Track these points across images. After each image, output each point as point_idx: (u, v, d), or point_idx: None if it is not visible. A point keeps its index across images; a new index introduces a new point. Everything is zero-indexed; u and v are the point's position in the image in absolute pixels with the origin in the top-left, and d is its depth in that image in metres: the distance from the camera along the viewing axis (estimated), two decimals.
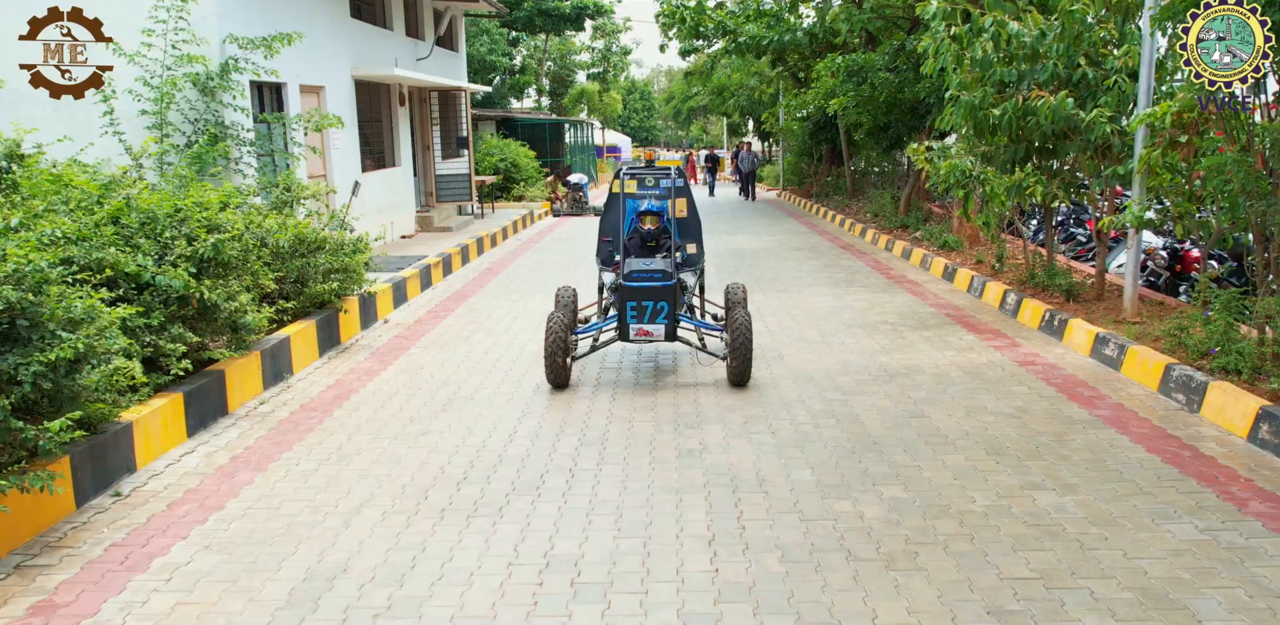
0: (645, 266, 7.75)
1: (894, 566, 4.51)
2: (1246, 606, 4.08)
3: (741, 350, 7.42)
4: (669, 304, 7.61)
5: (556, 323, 7.54)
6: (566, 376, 7.63)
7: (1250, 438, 6.10)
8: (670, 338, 7.70)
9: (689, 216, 8.77)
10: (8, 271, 4.53)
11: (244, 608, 4.27)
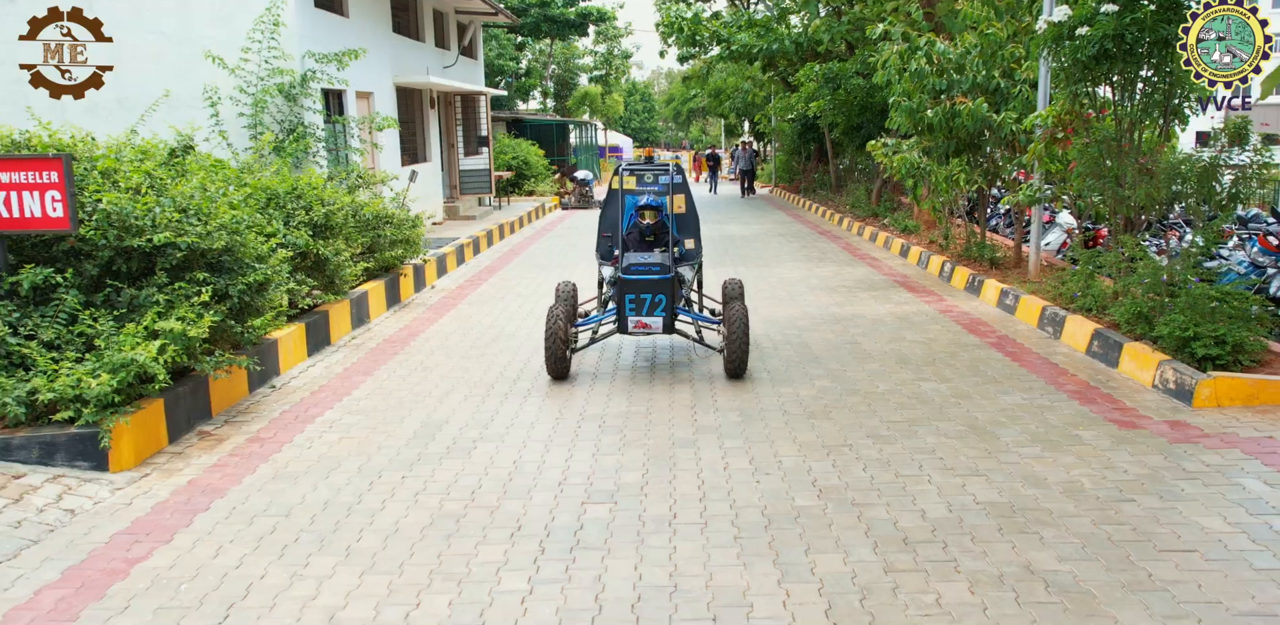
0: (644, 260, 7.86)
1: (813, 418, 6.79)
2: (1036, 434, 6.35)
3: (738, 343, 7.62)
4: (667, 297, 7.73)
5: (556, 316, 7.75)
6: (566, 368, 7.85)
7: (1087, 351, 8.38)
8: (668, 330, 7.87)
9: (687, 212, 8.92)
10: (225, 222, 6.81)
11: (385, 440, 6.55)
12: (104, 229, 6.28)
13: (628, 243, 8.39)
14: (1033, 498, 5.24)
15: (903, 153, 13.08)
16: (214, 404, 7.04)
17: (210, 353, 6.83)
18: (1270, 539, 4.66)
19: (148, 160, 7.36)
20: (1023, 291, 10.36)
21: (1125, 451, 5.92)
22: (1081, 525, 4.87)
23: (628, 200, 8.78)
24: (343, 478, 5.80)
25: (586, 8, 50.96)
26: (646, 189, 8.67)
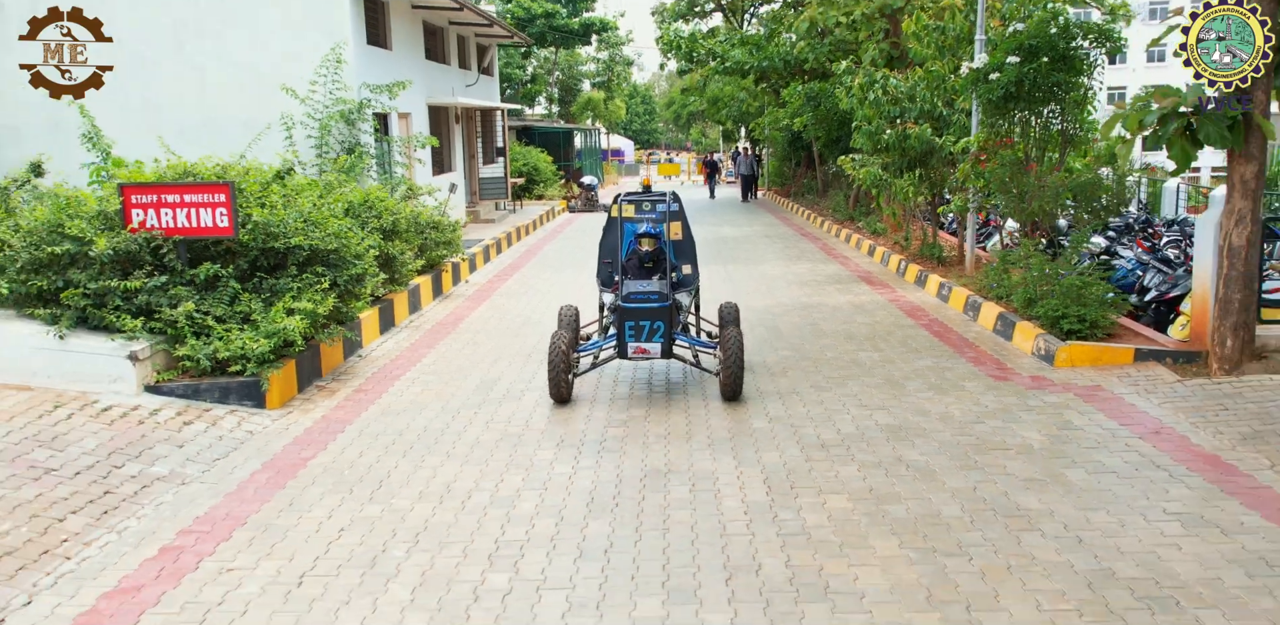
0: (642, 288, 8.09)
1: (774, 375, 9.11)
2: (933, 384, 8.66)
3: (733, 368, 7.91)
4: (665, 324, 7.95)
5: (559, 341, 8.01)
6: (569, 391, 8.13)
7: (993, 329, 10.72)
8: (666, 355, 8.09)
9: (683, 239, 9.18)
10: (334, 229, 9.14)
11: (455, 391, 8.87)
12: (255, 234, 8.61)
13: (627, 269, 8.65)
14: (916, 422, 7.57)
15: (868, 167, 15.44)
16: (324, 366, 9.38)
17: (325, 327, 9.16)
18: (1064, 443, 6.98)
19: (251, 178, 9.66)
20: (955, 284, 12.70)
21: (991, 395, 8.27)
22: (943, 436, 7.20)
23: (626, 228, 9.06)
24: (431, 413, 8.14)
25: (589, 18, 53.37)
26: (644, 217, 9.00)
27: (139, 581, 5.13)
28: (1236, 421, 7.25)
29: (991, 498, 6.00)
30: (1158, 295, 10.58)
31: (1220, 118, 8.20)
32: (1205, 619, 4.49)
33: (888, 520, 5.70)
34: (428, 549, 5.47)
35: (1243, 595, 4.70)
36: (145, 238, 8.24)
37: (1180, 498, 5.93)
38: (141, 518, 5.97)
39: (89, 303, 8.03)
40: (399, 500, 6.22)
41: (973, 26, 13.46)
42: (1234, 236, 8.45)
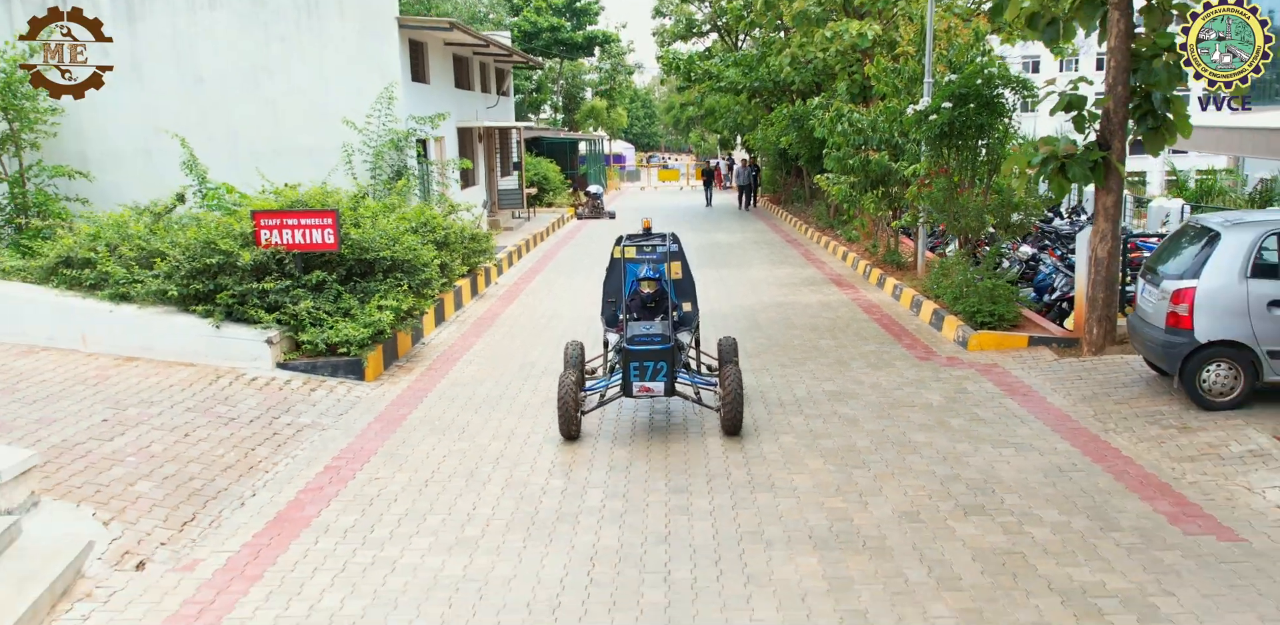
0: (646, 331, 8.56)
1: (750, 356, 11.73)
2: (872, 363, 11.30)
3: (733, 404, 8.43)
4: (668, 364, 8.41)
5: (567, 382, 8.48)
6: (578, 430, 8.59)
7: (929, 322, 13.37)
8: (669, 393, 8.55)
9: (683, 277, 9.67)
10: (408, 243, 11.77)
11: (504, 369, 11.51)
12: (352, 248, 11.25)
13: (630, 309, 9.10)
14: (852, 389, 10.21)
15: (839, 184, 18.09)
16: (399, 350, 12.03)
17: (403, 320, 11.80)
18: (955, 402, 9.61)
19: (333, 201, 12.27)
20: (906, 285, 15.35)
21: (914, 370, 10.92)
22: (869, 398, 9.84)
23: (629, 269, 9.53)
24: (490, 384, 10.78)
25: (593, 32, 56.06)
26: (645, 258, 9.47)
27: (319, 484, 7.78)
28: (1084, 387, 9.91)
29: (893, 436, 8.65)
30: (1060, 295, 13.24)
31: (1085, 161, 10.87)
32: (1008, 499, 7.13)
33: (819, 450, 8.35)
34: (505, 467, 8.11)
35: (1037, 487, 7.34)
36: (272, 252, 10.88)
37: (1022, 435, 8.58)
38: (303, 449, 8.62)
39: (234, 301, 10.66)
40: (479, 439, 8.86)
41: (924, 69, 16.10)
42: (1099, 250, 11.11)
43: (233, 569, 6.29)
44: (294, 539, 6.73)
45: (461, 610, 5.69)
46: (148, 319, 10.55)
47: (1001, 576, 5.92)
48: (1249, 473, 7.35)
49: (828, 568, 6.10)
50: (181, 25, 17.36)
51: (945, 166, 14.29)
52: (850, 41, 19.44)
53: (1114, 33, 10.94)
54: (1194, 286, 8.69)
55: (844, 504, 7.13)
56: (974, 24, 16.98)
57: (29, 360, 10.18)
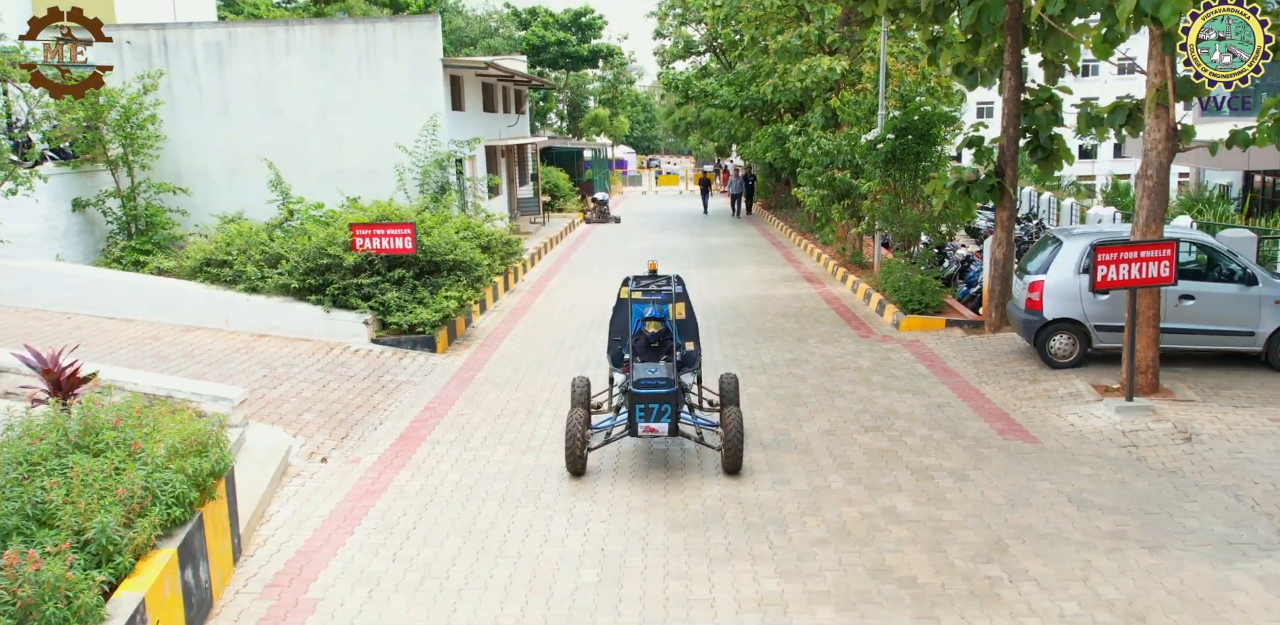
0: (651, 374, 8.83)
1: (729, 335, 15.13)
2: (823, 339, 14.70)
3: (733, 446, 8.74)
4: (672, 406, 8.73)
5: (575, 421, 8.84)
6: (584, 466, 8.93)
7: (875, 310, 16.77)
8: (673, 433, 8.84)
9: (687, 318, 10.06)
10: (465, 248, 15.16)
11: (541, 345, 14.89)
12: (425, 252, 14.63)
13: (636, 349, 9.38)
14: (805, 357, 13.60)
15: (812, 196, 21.50)
16: (458, 331, 15.43)
17: (461, 308, 15.20)
18: (880, 366, 13.00)
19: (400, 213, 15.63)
20: (863, 281, 18.75)
21: (854, 345, 14.31)
22: (817, 364, 13.24)
23: (635, 309, 9.83)
24: (532, 355, 14.17)
25: (597, 45, 59.55)
26: (651, 299, 9.71)
27: (424, 417, 11.17)
28: (976, 355, 13.32)
29: (828, 387, 12.05)
30: (979, 288, 16.63)
31: (984, 185, 14.29)
32: (897, 422, 10.51)
33: (774, 395, 11.74)
34: (552, 407, 11.49)
35: (918, 416, 10.73)
36: (365, 255, 14.27)
37: (920, 386, 11.98)
38: (406, 396, 12.01)
39: (339, 292, 14.06)
40: (530, 391, 12.26)
41: (878, 103, 19.49)
42: (996, 253, 14.52)
43: (383, 462, 9.68)
44: (418, 446, 10.14)
45: (533, 485, 9.05)
46: (274, 306, 13.96)
47: (879, 462, 9.31)
48: (1063, 406, 10.76)
49: (769, 459, 9.48)
50: (263, 68, 20.79)
51: (891, 185, 17.68)
52: (823, 74, 22.83)
53: (1007, 86, 14.37)
54: (1043, 279, 12.10)
55: (785, 426, 10.53)
56: (920, 66, 20.32)
57: (190, 336, 13.59)
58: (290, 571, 7.26)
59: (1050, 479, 8.72)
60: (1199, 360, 12.24)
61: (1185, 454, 9.13)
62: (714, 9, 28.48)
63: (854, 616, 6.41)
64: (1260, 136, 10.60)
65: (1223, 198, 33.07)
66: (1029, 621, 6.27)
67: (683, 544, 7.60)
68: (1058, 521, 7.78)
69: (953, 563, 7.12)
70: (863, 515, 8.04)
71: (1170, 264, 10.05)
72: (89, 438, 6.30)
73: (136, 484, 5.87)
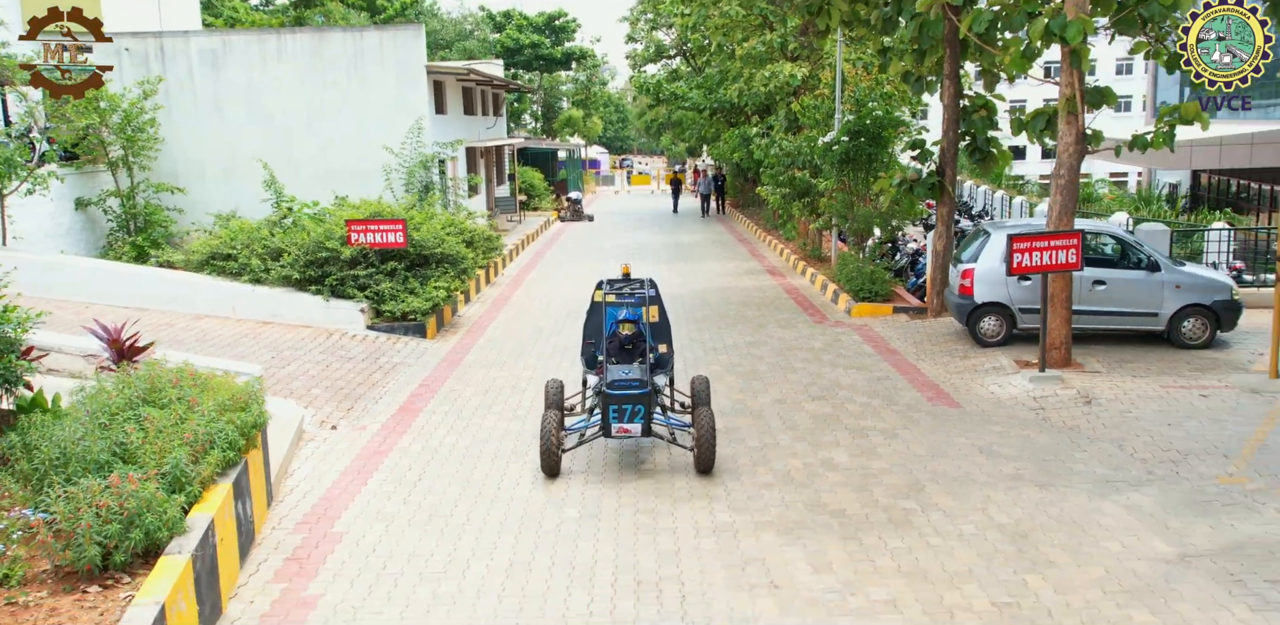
0: (625, 376, 8.97)
1: (696, 321, 16.49)
2: (781, 325, 16.09)
3: (706, 447, 8.91)
4: (645, 407, 8.89)
5: (550, 423, 8.97)
6: (559, 467, 9.06)
7: (830, 299, 18.19)
8: (646, 434, 9.04)
9: (660, 321, 10.14)
10: (451, 242, 16.42)
11: (521, 333, 16.16)
12: (415, 246, 15.88)
13: (610, 351, 9.63)
14: (764, 340, 14.98)
15: (774, 194, 22.91)
16: (445, 319, 16.69)
17: (448, 298, 16.47)
18: (830, 346, 14.39)
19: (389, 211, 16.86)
20: (820, 273, 20.17)
21: (808, 329, 15.71)
22: (774, 346, 14.61)
23: (608, 312, 10.02)
24: (515, 341, 15.45)
25: (570, 48, 60.80)
26: (624, 302, 9.93)
27: (420, 393, 12.44)
28: (917, 337, 14.75)
29: (783, 364, 13.42)
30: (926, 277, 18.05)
31: (926, 184, 15.72)
32: (840, 393, 11.89)
33: (734, 372, 13.09)
34: (536, 384, 12.78)
35: (860, 387, 12.12)
36: (360, 249, 15.50)
37: (864, 363, 13.38)
38: (402, 375, 13.27)
39: (337, 283, 15.28)
40: (515, 370, 13.55)
41: (835, 107, 20.91)
42: (938, 245, 15.96)
43: (387, 429, 10.95)
44: (417, 416, 11.41)
45: (520, 446, 10.33)
46: (277, 296, 15.18)
47: (822, 424, 10.69)
48: (986, 378, 12.20)
49: (727, 423, 10.80)
50: (255, 74, 21.95)
51: (846, 184, 19.09)
52: (785, 79, 24.24)
53: (947, 93, 15.81)
54: (974, 267, 13.54)
55: (743, 396, 11.89)
56: (873, 73, 21.74)
57: (201, 323, 14.78)
58: (317, 512, 8.54)
59: (967, 436, 10.13)
60: (1111, 339, 13.72)
61: (1084, 414, 10.58)
62: (683, 18, 29.79)
63: (791, 538, 7.77)
64: (1156, 140, 12.11)
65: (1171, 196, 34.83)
66: (933, 540, 7.65)
67: (651, 488, 8.94)
68: (968, 468, 9.18)
69: (876, 499, 8.50)
70: (804, 465, 9.41)
71: (1077, 252, 11.49)
72: (155, 394, 7.55)
73: (199, 430, 7.13)
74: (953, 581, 6.96)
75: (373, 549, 7.79)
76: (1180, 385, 11.45)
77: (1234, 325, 13.23)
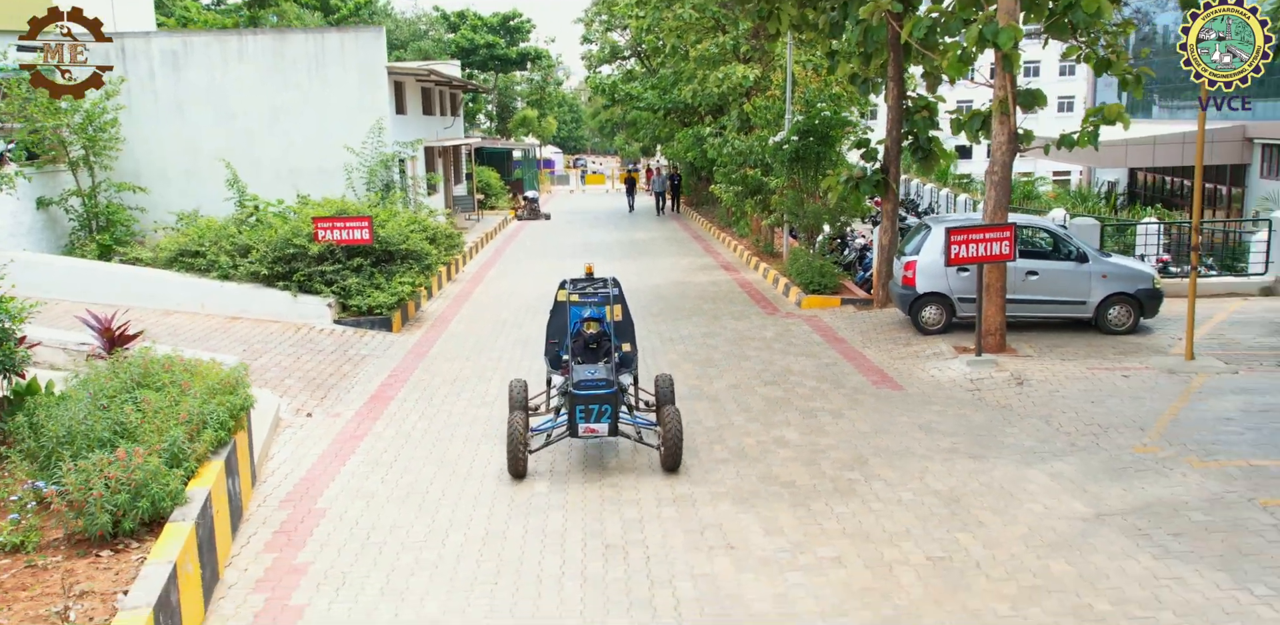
0: (591, 376, 8.95)
1: (653, 315, 17.14)
2: (736, 317, 16.78)
3: (673, 445, 8.94)
4: (611, 406, 8.89)
5: (517, 425, 8.94)
6: (525, 467, 9.01)
7: (781, 292, 18.92)
8: (612, 433, 9.03)
9: (623, 319, 10.14)
10: (415, 239, 16.89)
11: (484, 327, 16.70)
12: (380, 243, 16.34)
13: (575, 350, 9.63)
14: (719, 331, 15.65)
15: (728, 192, 23.62)
16: (409, 314, 17.16)
17: (412, 293, 16.94)
18: (782, 336, 15.10)
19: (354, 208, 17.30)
20: (773, 268, 20.91)
21: (762, 320, 16.41)
22: (728, 336, 15.29)
23: (572, 312, 9.96)
24: (477, 334, 15.97)
25: (525, 48, 61.19)
26: (588, 301, 9.92)
27: (389, 382, 12.94)
28: (863, 326, 15.52)
29: (737, 353, 14.10)
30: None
31: (871, 181, 16.50)
32: (791, 378, 12.59)
33: (690, 360, 13.74)
34: (500, 373, 13.33)
35: (810, 373, 12.83)
36: (327, 245, 15.93)
37: (811, 351, 14.10)
38: (371, 366, 13.75)
39: (304, 278, 15.70)
40: (481, 361, 14.09)
41: (785, 108, 21.66)
42: (883, 239, 16.75)
43: (360, 416, 11.45)
44: (388, 403, 11.92)
45: (490, 429, 10.89)
46: (246, 292, 15.57)
47: (774, 406, 11.37)
48: (927, 363, 12.97)
49: (685, 407, 11.42)
50: (217, 74, 22.22)
51: (796, 181, 19.84)
52: (737, 81, 24.98)
53: (891, 95, 16.60)
54: (916, 260, 14.32)
55: (699, 382, 12.55)
56: (822, 75, 22.53)
57: (170, 318, 15.13)
58: (299, 491, 9.04)
59: (908, 415, 10.86)
60: (1043, 326, 14.57)
61: (1016, 394, 11.37)
62: (638, 20, 30.42)
63: (746, 506, 8.42)
64: (1081, 139, 12.96)
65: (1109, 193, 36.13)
66: (875, 505, 8.35)
67: (615, 464, 9.55)
68: (908, 443, 9.91)
69: (824, 471, 9.19)
70: (758, 442, 10.08)
71: (1010, 244, 12.29)
72: (148, 378, 8.02)
73: (193, 411, 7.62)
74: (892, 540, 7.66)
75: (355, 522, 8.32)
76: (1105, 367, 12.31)
77: (1156, 312, 14.14)
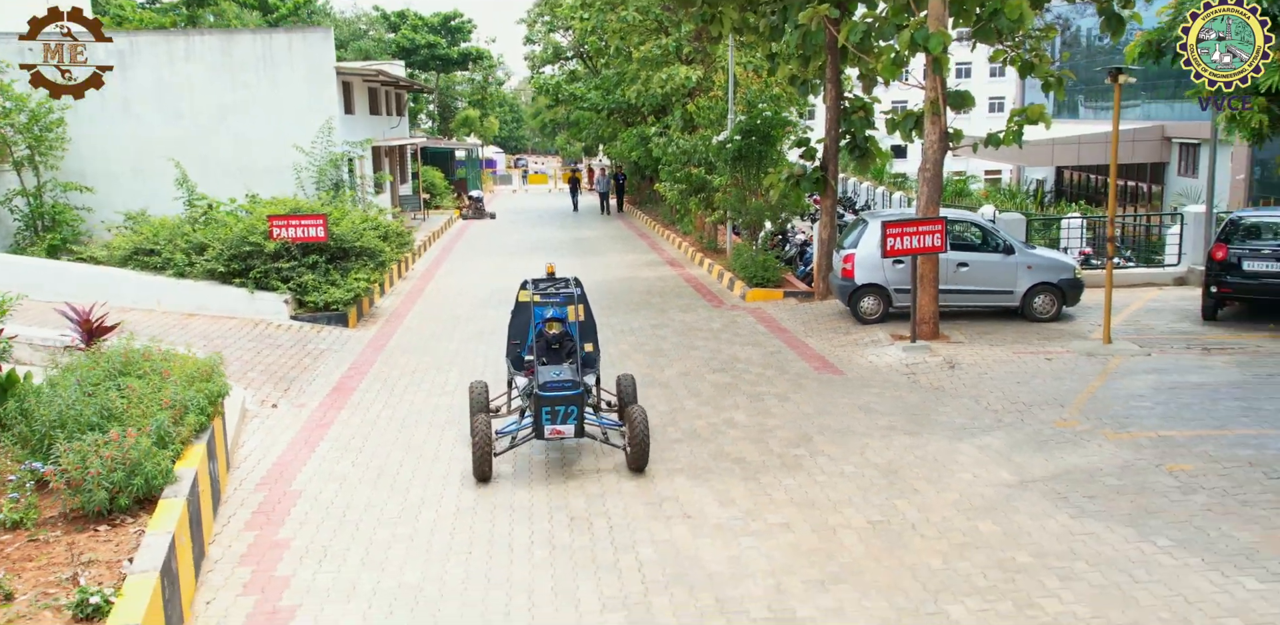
0: (556, 377, 8.93)
1: (606, 309, 17.68)
2: (683, 309, 17.39)
3: (640, 445, 8.91)
4: (578, 408, 8.89)
5: (482, 428, 8.90)
6: (490, 470, 8.96)
7: (726, 286, 19.59)
8: (579, 435, 9.01)
9: (586, 319, 10.10)
10: (369, 237, 17.24)
11: (438, 321, 17.11)
12: (335, 240, 16.66)
13: (538, 351, 9.54)
14: (667, 323, 16.25)
15: (672, 191, 24.25)
16: (364, 310, 17.50)
17: (367, 289, 17.29)
18: (728, 327, 15.74)
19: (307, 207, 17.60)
20: (717, 264, 21.57)
21: (708, 312, 17.05)
22: (677, 327, 15.90)
23: (535, 312, 9.96)
24: (431, 329, 16.38)
25: (467, 48, 61.36)
26: (550, 301, 9.95)
27: (350, 374, 13.32)
28: (805, 317, 16.23)
29: (686, 343, 14.71)
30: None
31: (811, 178, 17.23)
32: (738, 365, 13.23)
33: (641, 351, 14.32)
34: (459, 365, 13.77)
35: (755, 360, 13.48)
36: (283, 243, 16.21)
37: (758, 340, 14.76)
38: (331, 360, 14.11)
39: (261, 275, 15.98)
40: (436, 354, 14.51)
41: (728, 108, 22.34)
42: (823, 234, 17.49)
43: (325, 406, 11.84)
44: (351, 394, 12.32)
45: (453, 416, 11.35)
46: (203, 288, 15.81)
47: (722, 390, 11.98)
48: (865, 349, 13.70)
49: (639, 393, 12.01)
50: (164, 73, 22.28)
51: (739, 180, 20.53)
52: (680, 81, 25.62)
53: (829, 96, 17.35)
54: (854, 252, 15.05)
55: (651, 371, 13.13)
56: (763, 76, 23.27)
57: (127, 316, 15.26)
58: (273, 475, 9.44)
59: (848, 397, 11.56)
60: (973, 315, 15.41)
61: (948, 377, 12.14)
62: (582, 21, 30.92)
63: (700, 481, 9.02)
64: (1007, 137, 13.79)
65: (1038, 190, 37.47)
66: (819, 477, 9.00)
67: (574, 446, 10.08)
68: (849, 422, 10.59)
69: (772, 449, 9.82)
70: (709, 424, 10.69)
71: (941, 236, 13.06)
72: (130, 367, 8.38)
73: (175, 397, 8.00)
74: (835, 507, 8.31)
75: (331, 502, 8.76)
76: (1029, 351, 13.14)
77: (1077, 301, 15.05)
